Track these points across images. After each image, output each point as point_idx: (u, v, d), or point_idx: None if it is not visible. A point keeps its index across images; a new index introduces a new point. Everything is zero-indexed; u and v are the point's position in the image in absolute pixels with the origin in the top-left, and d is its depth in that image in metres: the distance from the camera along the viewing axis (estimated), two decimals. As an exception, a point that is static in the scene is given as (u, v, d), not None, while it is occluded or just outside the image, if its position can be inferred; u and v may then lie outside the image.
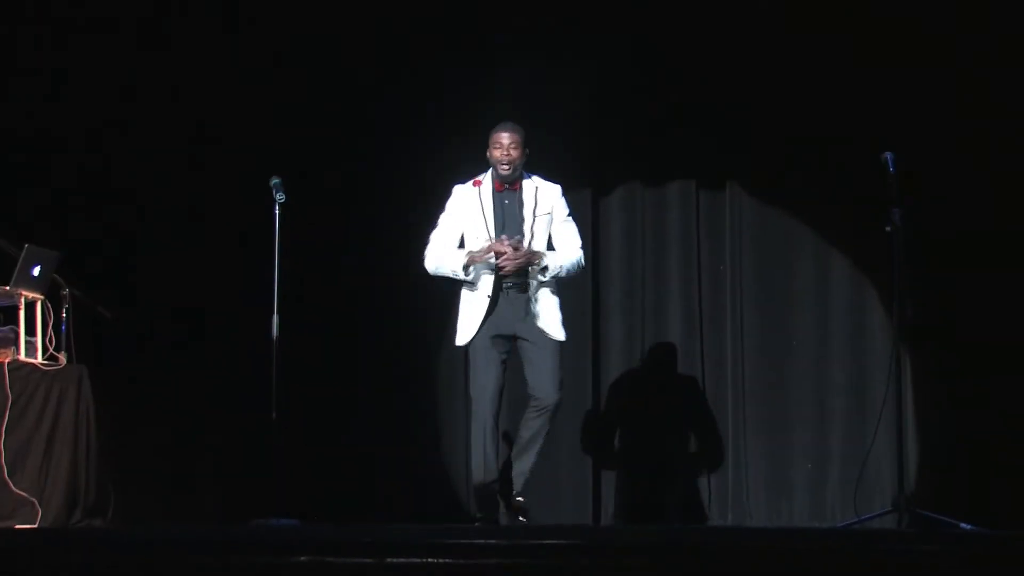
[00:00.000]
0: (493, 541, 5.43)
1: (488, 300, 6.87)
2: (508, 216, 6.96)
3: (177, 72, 7.94)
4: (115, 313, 7.29)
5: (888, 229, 6.83)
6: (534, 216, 6.95)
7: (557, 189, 7.05)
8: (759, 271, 8.25)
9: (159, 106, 7.91)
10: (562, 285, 6.99)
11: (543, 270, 6.87)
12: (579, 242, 7.06)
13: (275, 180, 7.09)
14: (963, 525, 6.75)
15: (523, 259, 6.84)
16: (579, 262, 7.03)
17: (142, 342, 7.79)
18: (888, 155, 6.91)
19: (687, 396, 8.21)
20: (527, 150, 6.97)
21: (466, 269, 6.89)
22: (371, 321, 8.20)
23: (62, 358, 7.02)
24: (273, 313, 6.98)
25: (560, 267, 6.92)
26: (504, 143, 6.95)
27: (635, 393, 8.23)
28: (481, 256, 6.88)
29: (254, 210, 7.38)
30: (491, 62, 8.14)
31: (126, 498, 7.10)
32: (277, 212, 7.06)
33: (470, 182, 7.05)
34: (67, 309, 7.07)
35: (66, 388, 6.93)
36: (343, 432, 8.08)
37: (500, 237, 6.87)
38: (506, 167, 6.94)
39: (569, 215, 7.06)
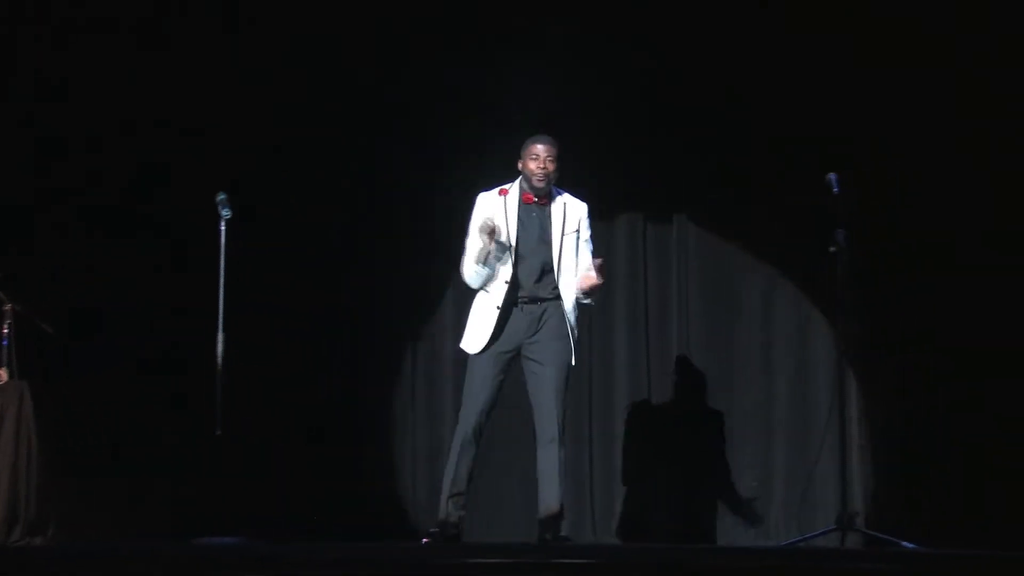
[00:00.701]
0: (437, 561, 5.44)
1: (497, 311, 6.79)
2: (535, 229, 6.87)
3: (177, 72, 7.93)
4: (58, 328, 7.25)
5: (832, 250, 6.88)
6: (563, 234, 6.86)
7: (584, 208, 6.96)
8: (705, 291, 8.24)
9: (157, 106, 7.91)
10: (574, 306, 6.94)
11: (591, 294, 6.83)
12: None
13: (221, 196, 6.99)
14: (905, 544, 6.85)
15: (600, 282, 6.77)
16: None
17: (85, 356, 7.70)
18: (832, 176, 6.95)
19: (633, 417, 8.19)
20: (559, 164, 6.89)
21: (481, 261, 6.77)
22: (368, 322, 8.20)
23: (3, 374, 6.98)
24: (218, 330, 6.90)
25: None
26: (541, 155, 6.84)
27: (579, 413, 8.16)
28: (487, 242, 6.73)
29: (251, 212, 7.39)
30: (491, 62, 8.14)
31: (69, 515, 7.05)
32: (223, 228, 6.98)
33: (495, 190, 6.96)
34: (8, 324, 7.04)
35: (7, 404, 6.88)
36: (295, 449, 8.01)
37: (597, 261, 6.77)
38: (541, 180, 6.84)
39: (591, 236, 6.99)
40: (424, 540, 6.83)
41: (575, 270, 6.87)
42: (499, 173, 7.15)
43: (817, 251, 7.11)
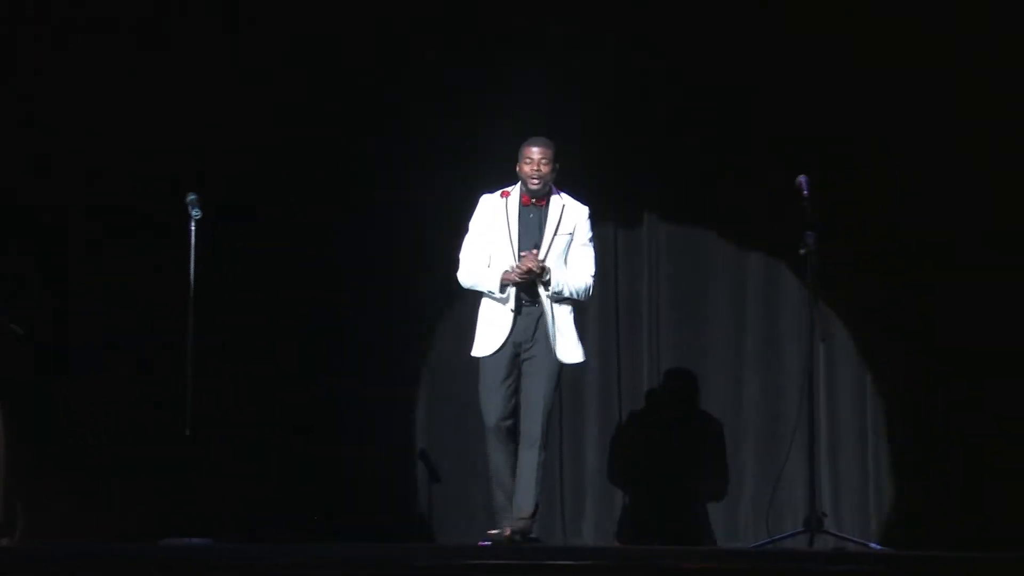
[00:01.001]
0: (437, 561, 5.44)
1: (512, 314, 6.84)
2: (532, 231, 6.91)
3: (177, 72, 7.93)
4: (27, 330, 7.24)
5: (802, 252, 6.92)
6: (555, 234, 6.89)
7: (584, 211, 6.98)
8: (675, 291, 8.23)
9: (156, 106, 7.91)
10: (566, 308, 6.91)
11: (546, 284, 6.82)
12: (592, 268, 6.96)
13: (191, 196, 6.98)
14: (872, 545, 6.96)
15: (528, 269, 6.77)
16: (587, 287, 6.93)
17: (56, 357, 7.71)
18: (802, 179, 6.97)
19: (604, 418, 8.18)
20: (557, 165, 6.92)
21: (502, 289, 6.86)
22: (368, 322, 8.19)
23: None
24: (188, 331, 6.91)
25: (564, 285, 6.84)
26: (535, 158, 6.88)
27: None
28: (513, 276, 6.83)
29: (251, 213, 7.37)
30: (491, 62, 8.14)
31: (38, 517, 7.06)
32: (193, 229, 6.98)
33: (498, 192, 7.01)
34: None
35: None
36: (295, 448, 7.98)
37: (529, 252, 6.82)
38: (536, 182, 6.88)
39: (591, 239, 6.99)
40: (482, 543, 6.85)
41: (569, 275, 6.89)
42: (498, 173, 7.17)
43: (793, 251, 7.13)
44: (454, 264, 7.07)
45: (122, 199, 7.85)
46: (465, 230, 7.05)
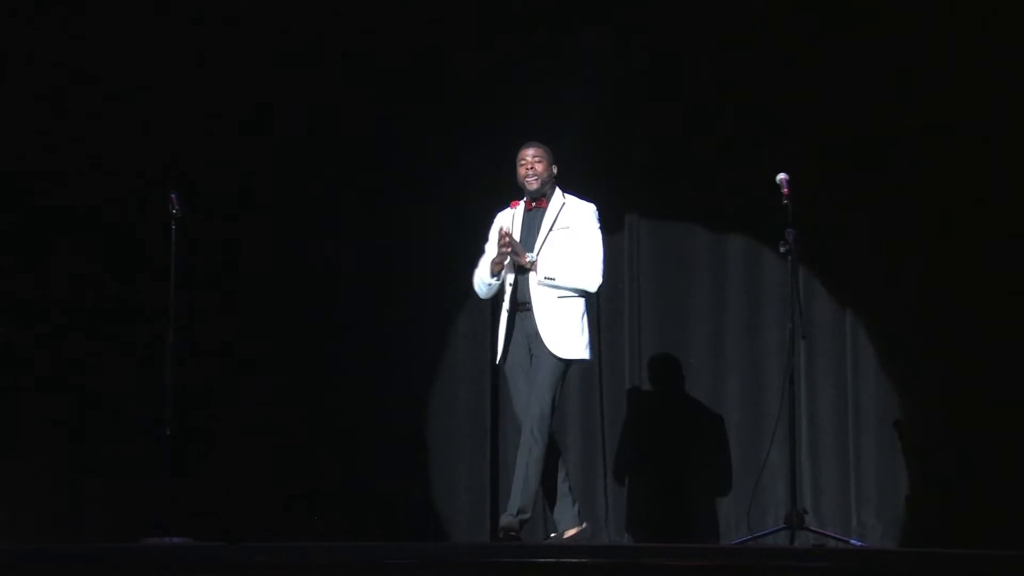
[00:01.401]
0: (436, 561, 5.42)
1: (508, 313, 6.89)
2: (532, 230, 6.95)
3: (177, 72, 7.93)
4: (7, 328, 7.23)
5: (783, 250, 6.93)
6: (550, 229, 6.91)
7: (587, 207, 6.98)
8: (657, 288, 8.21)
9: (158, 106, 7.91)
10: (565, 304, 6.88)
11: (533, 266, 6.82)
12: (594, 261, 6.90)
13: (171, 194, 6.97)
14: (853, 541, 6.98)
15: (505, 244, 6.80)
16: (587, 279, 6.87)
17: (36, 354, 7.70)
18: (783, 177, 6.98)
19: (584, 415, 8.18)
20: (554, 166, 6.97)
21: (493, 275, 6.90)
22: (368, 322, 8.19)
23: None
24: (169, 331, 6.88)
25: (558, 274, 6.83)
26: (528, 159, 6.96)
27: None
28: (498, 260, 6.86)
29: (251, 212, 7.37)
30: (491, 62, 8.15)
31: (16, 517, 7.07)
32: (174, 226, 6.95)
33: (509, 206, 7.07)
34: None
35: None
36: (294, 448, 7.98)
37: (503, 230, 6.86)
38: (533, 181, 6.94)
39: (593, 236, 6.94)
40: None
41: (565, 265, 6.88)
42: (498, 173, 7.19)
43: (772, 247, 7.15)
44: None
45: (121, 198, 7.85)
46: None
